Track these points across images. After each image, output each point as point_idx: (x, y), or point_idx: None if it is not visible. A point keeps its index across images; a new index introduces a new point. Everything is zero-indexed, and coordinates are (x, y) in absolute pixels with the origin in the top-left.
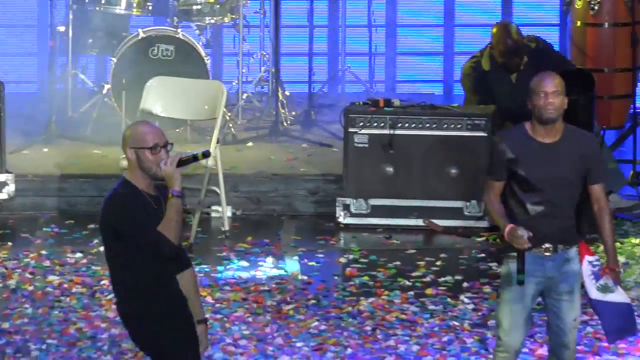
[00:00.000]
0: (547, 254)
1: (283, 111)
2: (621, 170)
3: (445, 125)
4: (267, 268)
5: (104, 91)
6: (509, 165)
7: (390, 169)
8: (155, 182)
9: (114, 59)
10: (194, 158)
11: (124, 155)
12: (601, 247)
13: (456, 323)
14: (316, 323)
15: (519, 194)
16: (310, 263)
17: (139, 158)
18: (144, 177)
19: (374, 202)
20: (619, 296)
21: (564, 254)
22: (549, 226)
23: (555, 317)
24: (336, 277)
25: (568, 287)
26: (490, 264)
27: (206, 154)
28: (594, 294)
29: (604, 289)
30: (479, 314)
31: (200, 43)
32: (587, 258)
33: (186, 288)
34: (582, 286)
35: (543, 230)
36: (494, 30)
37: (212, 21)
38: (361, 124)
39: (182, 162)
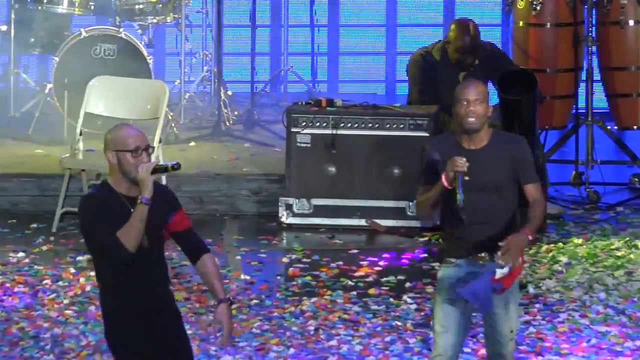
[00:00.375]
0: (482, 262)
1: (225, 111)
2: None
3: (388, 125)
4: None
5: (46, 91)
6: (439, 172)
7: (332, 169)
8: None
9: (56, 59)
10: (165, 169)
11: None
12: (543, 247)
13: (399, 323)
14: (259, 323)
15: (450, 202)
16: (252, 263)
17: (120, 161)
18: (124, 180)
19: (317, 202)
20: (499, 274)
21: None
22: (481, 234)
23: (491, 328)
24: (279, 277)
25: (502, 299)
26: (433, 264)
27: (176, 167)
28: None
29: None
30: (422, 314)
31: (143, 42)
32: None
33: (205, 271)
34: (522, 288)
35: (476, 238)
36: (453, 26)
37: (155, 20)
38: (304, 123)
39: (157, 170)
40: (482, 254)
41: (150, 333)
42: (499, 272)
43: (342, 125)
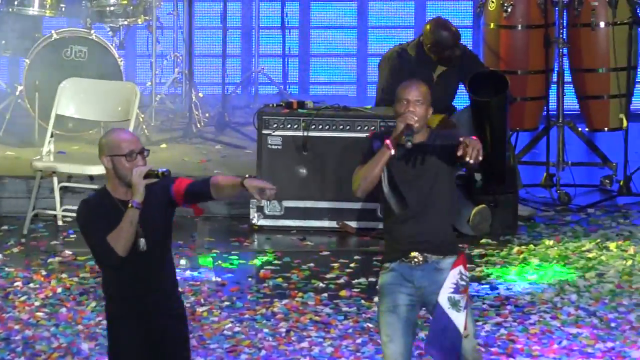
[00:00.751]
0: (416, 262)
1: (196, 113)
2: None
3: (359, 127)
4: (181, 270)
5: (17, 93)
6: None
7: (304, 171)
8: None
9: (27, 61)
10: (156, 175)
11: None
12: (515, 249)
13: (370, 325)
14: (230, 325)
15: (388, 196)
16: (224, 265)
17: (115, 166)
18: (121, 185)
19: (288, 203)
20: (459, 319)
21: (434, 264)
22: (416, 229)
23: None
24: (250, 279)
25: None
26: None
27: (166, 173)
28: (443, 299)
29: (454, 304)
30: None
31: (114, 44)
32: (460, 268)
33: (220, 186)
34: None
35: (410, 235)
36: (430, 25)
37: (126, 22)
38: (275, 125)
39: (149, 175)
40: (415, 254)
41: (147, 339)
42: (459, 317)
43: (313, 127)
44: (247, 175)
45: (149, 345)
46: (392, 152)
